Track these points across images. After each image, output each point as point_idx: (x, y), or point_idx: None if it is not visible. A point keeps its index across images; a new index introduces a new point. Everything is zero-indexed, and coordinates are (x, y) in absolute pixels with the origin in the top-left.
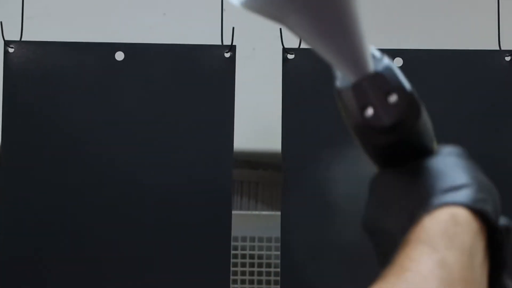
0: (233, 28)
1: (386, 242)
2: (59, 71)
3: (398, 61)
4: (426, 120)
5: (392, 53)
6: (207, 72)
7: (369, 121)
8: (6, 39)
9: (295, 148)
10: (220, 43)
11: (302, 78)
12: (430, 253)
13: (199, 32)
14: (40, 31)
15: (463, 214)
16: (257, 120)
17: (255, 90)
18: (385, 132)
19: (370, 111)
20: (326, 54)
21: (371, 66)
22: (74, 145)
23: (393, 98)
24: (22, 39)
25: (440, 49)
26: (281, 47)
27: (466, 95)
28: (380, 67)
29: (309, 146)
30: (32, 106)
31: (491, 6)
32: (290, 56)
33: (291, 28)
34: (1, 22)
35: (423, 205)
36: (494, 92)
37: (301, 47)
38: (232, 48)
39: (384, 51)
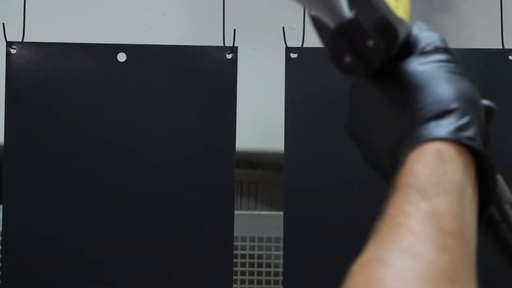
0: (235, 30)
1: (372, 155)
2: (62, 72)
3: None
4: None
5: None
6: (209, 73)
7: (349, 68)
8: (8, 40)
9: (297, 148)
10: (221, 45)
11: (305, 77)
12: (421, 203)
13: (200, 32)
14: (42, 32)
15: (449, 151)
16: (257, 120)
17: (255, 90)
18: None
19: (348, 59)
20: (304, 2)
21: (346, 8)
22: (76, 145)
23: (370, 42)
24: (24, 40)
25: None
26: (282, 46)
27: None
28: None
29: (311, 146)
30: (35, 107)
31: (494, 5)
32: (293, 55)
33: None
34: (3, 23)
35: (407, 135)
36: (497, 91)
37: (304, 46)
38: (233, 49)
39: None
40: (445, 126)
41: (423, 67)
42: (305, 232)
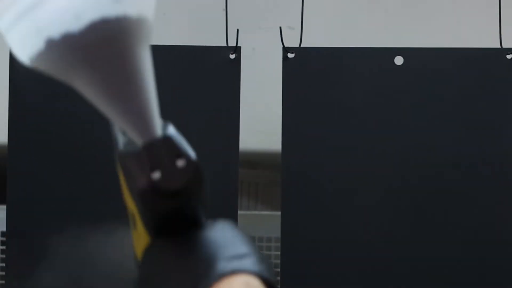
0: (238, 30)
1: None
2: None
3: (399, 60)
4: (207, 190)
5: (392, 52)
6: (212, 73)
7: (157, 183)
8: None
9: (295, 148)
10: (224, 45)
11: (303, 77)
12: None
13: (200, 32)
14: None
15: (255, 283)
16: (257, 120)
17: (254, 90)
18: (171, 195)
19: (157, 175)
20: (113, 116)
21: (159, 130)
22: (81, 144)
23: (181, 162)
24: None
25: (440, 47)
26: (281, 47)
27: (467, 93)
28: (167, 131)
29: (310, 146)
30: (38, 107)
31: (493, 4)
32: (291, 55)
33: (79, 88)
34: None
35: (207, 274)
36: (495, 90)
37: (301, 46)
38: (237, 49)
39: (384, 49)
40: (249, 264)
41: (220, 230)
42: (303, 232)
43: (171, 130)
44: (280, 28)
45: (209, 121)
